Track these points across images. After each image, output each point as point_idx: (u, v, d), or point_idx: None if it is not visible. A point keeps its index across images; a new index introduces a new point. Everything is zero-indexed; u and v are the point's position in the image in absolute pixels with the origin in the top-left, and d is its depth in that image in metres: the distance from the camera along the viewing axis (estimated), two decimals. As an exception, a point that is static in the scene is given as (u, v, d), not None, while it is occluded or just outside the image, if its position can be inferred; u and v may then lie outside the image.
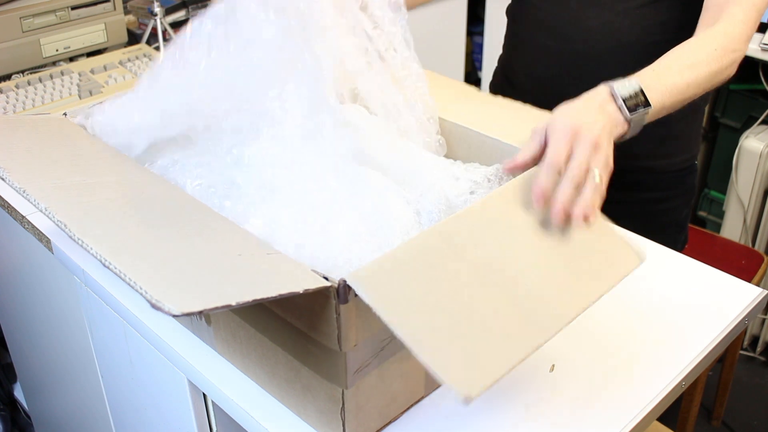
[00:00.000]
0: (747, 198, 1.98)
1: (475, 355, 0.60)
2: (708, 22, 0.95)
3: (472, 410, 0.77)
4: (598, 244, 0.73)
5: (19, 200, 1.07)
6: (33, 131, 0.84)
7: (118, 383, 1.08)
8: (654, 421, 0.81)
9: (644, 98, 0.81)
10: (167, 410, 0.95)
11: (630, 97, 0.80)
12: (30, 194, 0.71)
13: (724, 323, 0.87)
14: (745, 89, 2.02)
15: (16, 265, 1.27)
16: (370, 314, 0.65)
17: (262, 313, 0.72)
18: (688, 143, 1.20)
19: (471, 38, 2.72)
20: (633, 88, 0.81)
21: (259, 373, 0.78)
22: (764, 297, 0.91)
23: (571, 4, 1.12)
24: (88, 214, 0.69)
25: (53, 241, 0.99)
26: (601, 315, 0.89)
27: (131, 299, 0.90)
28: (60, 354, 1.26)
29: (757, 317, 2.05)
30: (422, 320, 0.60)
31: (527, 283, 0.67)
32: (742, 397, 1.98)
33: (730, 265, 1.74)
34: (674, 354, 0.83)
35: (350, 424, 0.70)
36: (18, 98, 1.37)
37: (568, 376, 0.81)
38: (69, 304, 1.09)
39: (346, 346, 0.65)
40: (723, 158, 2.09)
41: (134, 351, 0.95)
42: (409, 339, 0.58)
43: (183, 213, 0.70)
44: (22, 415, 1.79)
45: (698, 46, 0.91)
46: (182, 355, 0.83)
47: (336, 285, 0.61)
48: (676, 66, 0.87)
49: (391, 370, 0.72)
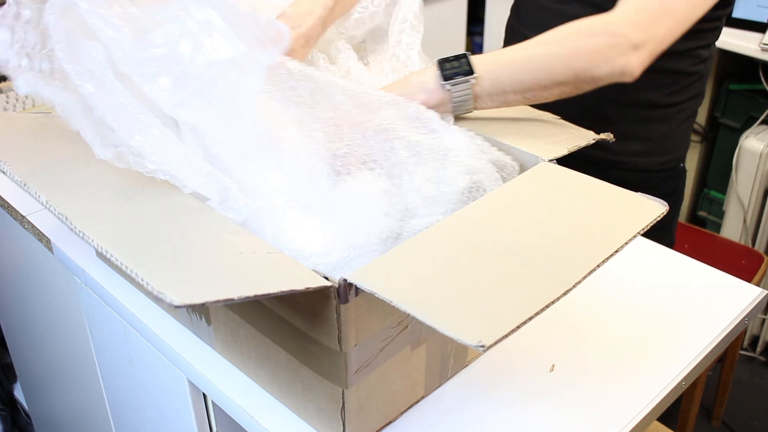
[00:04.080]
0: (747, 198, 1.98)
1: (486, 314, 0.59)
2: None
3: (472, 410, 0.77)
4: (615, 204, 0.73)
5: (19, 200, 1.07)
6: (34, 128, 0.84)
7: (118, 383, 1.08)
8: (654, 421, 0.81)
9: (467, 65, 0.81)
10: (167, 410, 0.95)
11: (451, 66, 0.81)
12: (31, 187, 0.71)
13: (724, 323, 0.87)
14: (745, 89, 2.02)
15: (16, 265, 1.27)
16: (371, 314, 0.66)
17: (263, 313, 0.72)
18: (671, 145, 1.18)
19: (471, 38, 2.72)
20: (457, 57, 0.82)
21: (259, 373, 0.78)
22: (764, 297, 0.91)
23: None
24: (89, 208, 0.69)
25: (53, 241, 0.99)
26: (601, 315, 0.89)
27: (131, 299, 0.90)
28: (60, 354, 1.26)
29: (757, 317, 2.05)
30: (428, 293, 0.60)
31: (538, 249, 0.66)
32: (742, 397, 1.98)
33: (730, 265, 1.74)
34: (674, 354, 0.83)
35: (350, 424, 0.70)
36: (18, 98, 1.37)
37: (568, 376, 0.81)
38: (69, 304, 1.09)
39: (347, 346, 0.65)
40: (723, 158, 2.09)
41: (134, 351, 0.95)
42: (415, 309, 0.57)
43: (184, 211, 0.70)
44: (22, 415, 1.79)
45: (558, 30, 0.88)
46: (182, 355, 0.83)
47: (336, 285, 0.61)
48: (520, 44, 0.86)
49: (391, 370, 0.72)
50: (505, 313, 0.58)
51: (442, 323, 0.56)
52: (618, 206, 0.73)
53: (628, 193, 0.74)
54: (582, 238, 0.68)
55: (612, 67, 0.85)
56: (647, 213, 0.70)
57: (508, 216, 0.71)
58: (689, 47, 1.10)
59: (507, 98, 0.86)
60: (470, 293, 0.61)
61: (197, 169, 0.72)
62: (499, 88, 0.84)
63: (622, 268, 0.94)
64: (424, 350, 0.74)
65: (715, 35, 1.14)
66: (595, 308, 0.90)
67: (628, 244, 0.66)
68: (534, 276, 0.62)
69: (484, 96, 0.84)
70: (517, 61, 0.84)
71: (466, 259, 0.64)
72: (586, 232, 0.69)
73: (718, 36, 1.14)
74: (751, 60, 1.87)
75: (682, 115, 1.17)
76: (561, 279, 0.61)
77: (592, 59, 0.84)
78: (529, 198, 0.75)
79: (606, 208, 0.73)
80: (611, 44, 0.84)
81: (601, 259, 0.64)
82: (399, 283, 0.61)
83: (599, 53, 0.84)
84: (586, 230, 0.69)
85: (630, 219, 0.70)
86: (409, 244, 0.67)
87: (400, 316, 0.69)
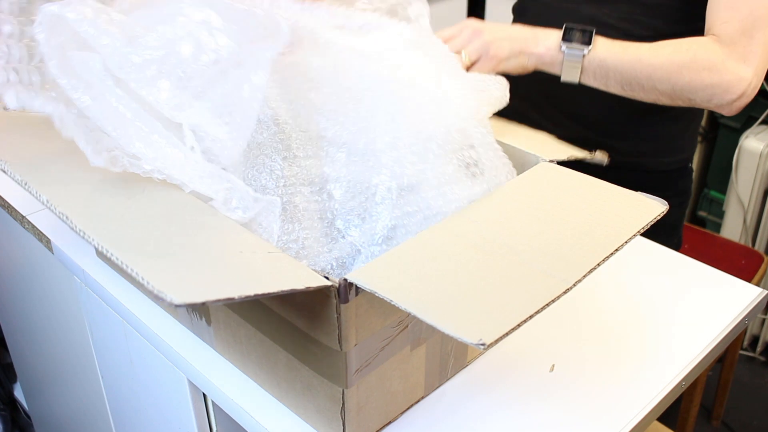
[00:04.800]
0: (747, 198, 1.98)
1: (486, 312, 0.58)
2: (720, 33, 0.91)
3: (472, 410, 0.77)
4: (615, 204, 0.73)
5: (20, 200, 1.07)
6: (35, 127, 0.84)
7: (118, 383, 1.08)
8: (654, 421, 0.81)
9: (588, 38, 0.85)
10: (167, 410, 0.95)
11: (577, 31, 0.84)
12: (31, 186, 0.71)
13: (724, 323, 0.87)
14: (745, 89, 2.01)
15: (16, 265, 1.27)
16: (371, 314, 0.66)
17: (263, 313, 0.72)
18: (680, 145, 1.19)
19: (471, 38, 2.72)
20: (584, 29, 0.87)
21: (259, 373, 0.78)
22: (764, 297, 0.91)
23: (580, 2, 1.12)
24: (89, 207, 0.69)
25: (53, 241, 0.99)
26: (601, 315, 0.89)
27: (131, 299, 0.90)
28: (60, 354, 1.26)
29: (757, 317, 2.05)
30: (428, 292, 0.60)
31: (538, 248, 0.66)
32: (742, 397, 1.98)
33: (730, 265, 1.74)
34: (674, 354, 0.83)
35: (350, 423, 0.70)
36: (18, 98, 1.37)
37: (568, 376, 0.81)
38: (69, 304, 1.09)
39: (347, 345, 0.65)
40: (723, 158, 2.09)
41: (134, 351, 0.95)
42: (414, 307, 0.57)
43: (184, 210, 0.70)
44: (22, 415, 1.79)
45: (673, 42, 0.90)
46: (182, 355, 0.83)
47: (337, 284, 0.61)
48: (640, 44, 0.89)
49: (391, 370, 0.72)
50: (505, 311, 0.58)
51: (442, 322, 0.56)
52: (618, 205, 0.73)
53: (628, 192, 0.74)
54: (582, 237, 0.68)
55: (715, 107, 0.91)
56: (647, 212, 0.71)
57: (508, 215, 0.71)
58: None
59: (608, 83, 0.91)
60: (470, 292, 0.61)
61: (200, 170, 0.72)
62: (603, 71, 0.90)
63: (622, 269, 0.94)
64: (424, 350, 0.74)
65: None
66: (595, 308, 0.90)
67: (629, 243, 0.67)
68: (534, 275, 0.62)
69: (589, 71, 0.90)
70: (629, 55, 0.88)
71: (467, 259, 0.64)
72: (586, 231, 0.69)
73: None
74: (751, 60, 1.87)
75: (690, 114, 1.17)
76: (561, 278, 0.61)
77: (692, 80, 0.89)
78: (529, 197, 0.75)
79: (606, 207, 0.73)
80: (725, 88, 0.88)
81: (601, 258, 0.64)
82: (399, 283, 0.61)
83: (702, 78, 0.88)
84: (586, 229, 0.69)
85: (630, 218, 0.70)
86: (409, 244, 0.67)
87: (400, 315, 0.69)
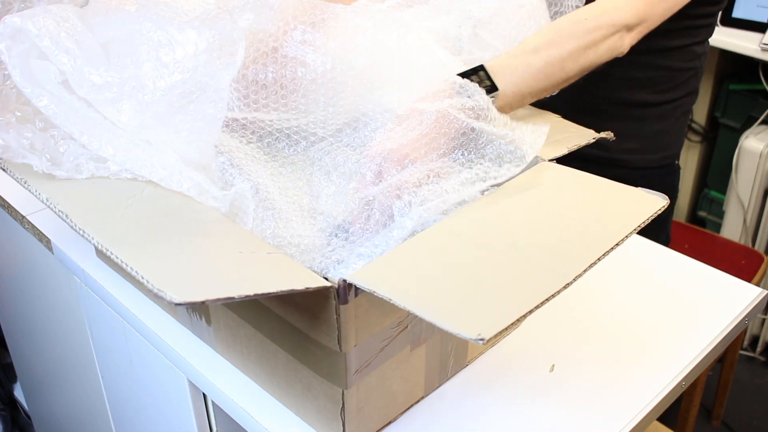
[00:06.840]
0: (747, 198, 1.98)
1: (485, 308, 0.58)
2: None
3: (471, 410, 0.77)
4: (615, 199, 0.73)
5: (19, 200, 1.07)
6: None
7: (118, 383, 1.08)
8: (654, 421, 0.81)
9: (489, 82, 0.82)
10: (167, 410, 0.95)
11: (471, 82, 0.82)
12: (31, 185, 0.71)
13: (724, 323, 0.87)
14: (745, 89, 2.02)
15: (16, 265, 1.27)
16: (371, 314, 0.66)
17: (262, 313, 0.72)
18: (666, 142, 1.19)
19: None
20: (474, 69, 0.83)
21: (259, 373, 0.78)
22: (764, 297, 0.91)
23: None
24: (89, 206, 0.69)
25: (53, 241, 0.99)
26: (601, 315, 0.89)
27: (131, 299, 0.90)
28: (60, 354, 1.26)
29: (757, 317, 2.05)
30: (426, 291, 0.60)
31: (537, 244, 0.66)
32: (742, 397, 1.98)
33: (730, 265, 1.74)
34: (674, 354, 0.83)
35: (350, 424, 0.70)
36: (18, 98, 1.37)
37: (568, 376, 0.81)
38: (69, 304, 1.09)
39: (346, 346, 0.65)
40: (723, 158, 2.09)
41: (134, 351, 0.95)
42: (413, 305, 0.57)
43: (184, 210, 0.70)
44: (22, 415, 1.79)
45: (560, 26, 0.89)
46: (182, 355, 0.83)
47: (336, 285, 0.61)
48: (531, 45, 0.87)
49: (391, 370, 0.72)
50: (504, 306, 0.58)
51: (441, 318, 0.55)
52: (618, 201, 0.73)
53: (628, 188, 0.74)
54: (582, 232, 0.68)
55: (611, 53, 0.90)
56: (647, 207, 0.70)
57: (507, 213, 0.71)
58: (684, 44, 1.10)
59: (525, 102, 0.88)
60: (469, 289, 0.61)
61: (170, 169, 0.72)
62: (520, 99, 0.86)
63: (622, 269, 0.94)
64: (423, 350, 0.74)
65: (709, 31, 1.14)
66: (595, 308, 0.90)
67: (629, 237, 0.66)
68: (534, 270, 0.62)
69: (506, 107, 0.86)
70: (534, 67, 0.85)
71: (466, 257, 0.64)
72: (586, 227, 0.69)
73: (712, 32, 1.15)
74: (751, 60, 1.87)
75: (677, 112, 1.17)
76: (561, 273, 0.61)
77: (598, 53, 0.88)
78: (529, 195, 0.74)
79: (606, 203, 0.73)
80: (613, 34, 0.89)
81: (602, 253, 0.64)
82: (398, 282, 0.61)
83: (604, 45, 0.88)
84: (586, 225, 0.69)
85: (630, 213, 0.70)
86: (409, 244, 0.67)
87: (400, 316, 0.69)
